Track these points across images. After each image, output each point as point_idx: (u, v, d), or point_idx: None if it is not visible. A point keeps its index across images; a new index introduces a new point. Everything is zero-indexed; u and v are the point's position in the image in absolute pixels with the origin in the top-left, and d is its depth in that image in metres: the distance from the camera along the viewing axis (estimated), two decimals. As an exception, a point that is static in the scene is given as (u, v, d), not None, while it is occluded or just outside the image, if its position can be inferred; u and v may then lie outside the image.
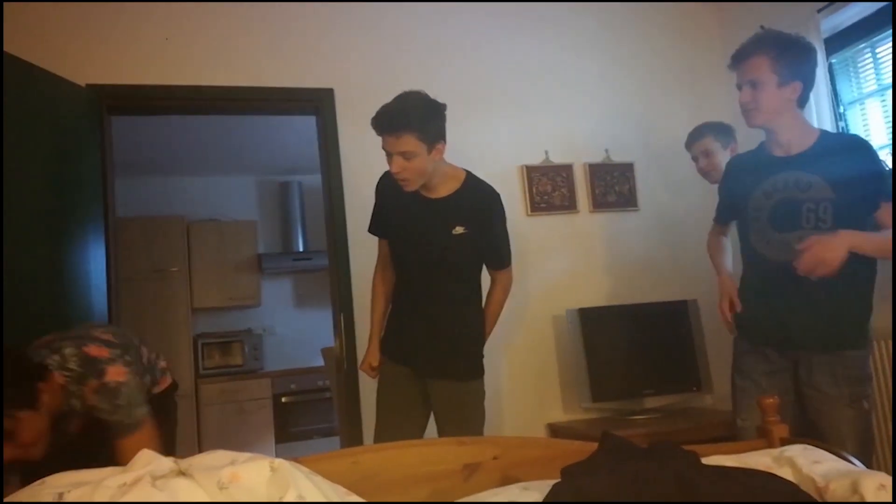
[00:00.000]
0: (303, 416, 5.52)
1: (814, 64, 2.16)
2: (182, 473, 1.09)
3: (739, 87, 2.17)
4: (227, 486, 1.03)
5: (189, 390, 5.29)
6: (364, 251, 3.10)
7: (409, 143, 2.13)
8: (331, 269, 3.25)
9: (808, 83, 2.13)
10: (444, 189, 2.31)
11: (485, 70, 3.49)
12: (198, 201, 5.75)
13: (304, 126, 4.91)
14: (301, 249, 5.93)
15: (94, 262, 2.85)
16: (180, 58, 3.05)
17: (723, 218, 2.46)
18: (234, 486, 1.02)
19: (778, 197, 2.13)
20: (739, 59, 2.15)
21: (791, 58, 2.09)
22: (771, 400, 1.75)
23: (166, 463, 1.11)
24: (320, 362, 5.74)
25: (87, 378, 1.78)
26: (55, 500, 1.06)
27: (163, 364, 2.26)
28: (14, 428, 1.62)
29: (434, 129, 2.18)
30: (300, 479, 1.04)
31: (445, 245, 2.28)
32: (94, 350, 1.82)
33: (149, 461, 1.11)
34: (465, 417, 2.30)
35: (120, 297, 3.09)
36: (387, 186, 2.39)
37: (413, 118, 2.13)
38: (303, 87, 3.17)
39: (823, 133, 2.21)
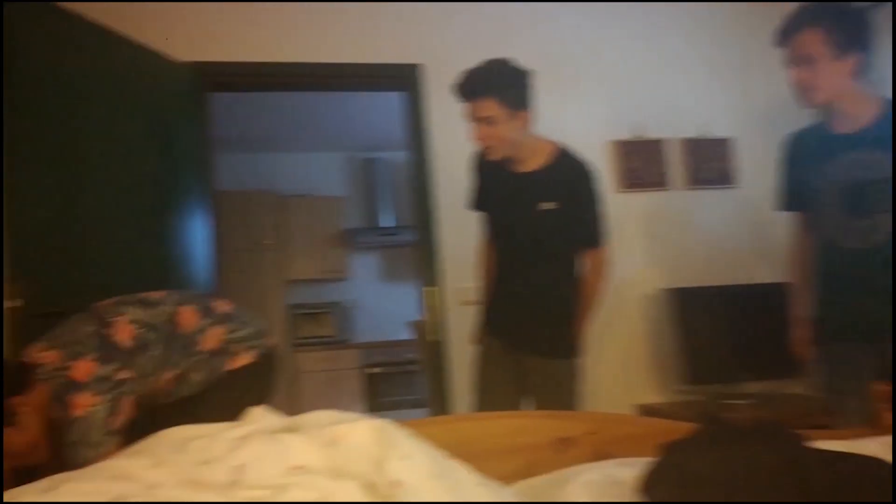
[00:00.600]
0: (391, 387, 5.67)
1: (871, 29, 1.97)
2: (291, 430, 1.15)
3: (789, 65, 1.99)
4: (336, 442, 1.08)
5: (286, 357, 5.52)
6: (451, 227, 3.14)
7: (490, 107, 2.12)
8: (418, 244, 3.30)
9: (868, 50, 1.95)
10: (533, 162, 2.28)
11: (576, 43, 3.42)
12: (290, 177, 5.94)
13: (389, 103, 4.99)
14: (387, 225, 6.03)
15: (199, 233, 3.01)
16: (276, 35, 3.14)
17: (790, 206, 2.25)
18: (343, 443, 1.07)
19: (847, 180, 1.98)
20: (788, 33, 1.97)
21: (847, 26, 1.92)
22: (883, 386, 1.67)
23: (276, 419, 1.17)
24: (406, 335, 5.89)
25: (57, 402, 1.71)
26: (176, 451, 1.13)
27: (250, 332, 2.09)
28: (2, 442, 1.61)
29: (517, 95, 2.15)
30: (405, 441, 1.07)
31: (532, 221, 2.26)
32: (77, 370, 1.73)
33: (260, 416, 1.17)
34: (559, 395, 2.29)
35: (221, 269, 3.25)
36: (482, 162, 2.40)
37: (493, 82, 2.12)
38: (392, 62, 3.20)
39: (886, 102, 2.01)
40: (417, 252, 3.33)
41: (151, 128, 2.83)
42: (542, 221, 2.25)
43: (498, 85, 2.12)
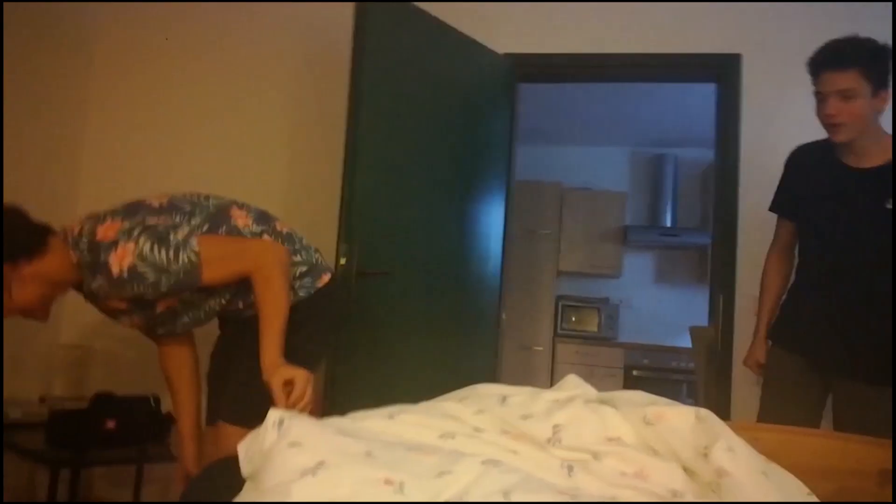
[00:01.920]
0: (653, 392, 5.47)
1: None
2: (605, 403, 1.18)
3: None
4: (653, 422, 1.08)
5: (547, 347, 5.64)
6: (752, 232, 2.93)
7: (853, 79, 1.95)
8: (714, 247, 3.14)
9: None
10: (877, 157, 2.04)
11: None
12: (572, 169, 6.00)
13: (682, 96, 4.84)
14: (669, 224, 5.82)
15: (494, 217, 3.19)
16: (583, 26, 3.18)
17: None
18: (661, 424, 1.07)
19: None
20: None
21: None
22: None
23: (592, 390, 1.21)
24: (674, 341, 5.65)
25: (95, 269, 1.67)
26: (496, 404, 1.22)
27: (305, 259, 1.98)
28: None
29: (881, 71, 1.97)
30: (728, 433, 1.04)
31: (875, 222, 2.02)
32: (101, 231, 1.68)
33: (578, 384, 1.21)
34: (871, 425, 2.02)
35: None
36: (802, 159, 2.20)
37: (860, 53, 1.95)
38: (708, 52, 3.06)
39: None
40: (715, 254, 3.16)
41: (465, 116, 3.05)
42: (887, 224, 2.01)
43: (865, 57, 1.95)
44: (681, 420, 1.06)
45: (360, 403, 2.65)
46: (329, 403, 2.48)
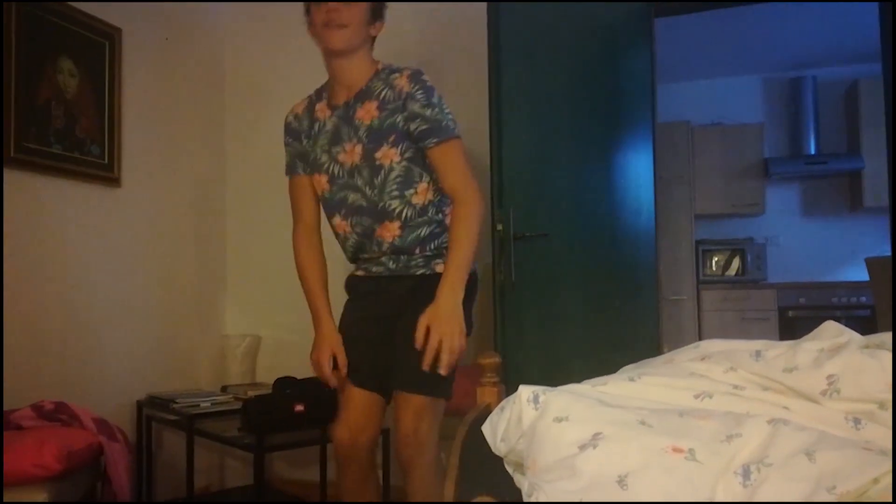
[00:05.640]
0: (815, 332, 5.16)
1: None
2: (879, 346, 1.06)
3: None
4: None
5: (691, 296, 5.41)
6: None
7: None
8: (891, 169, 2.85)
9: None
10: None
11: None
12: (702, 105, 5.65)
13: (824, 11, 4.42)
14: (813, 152, 5.39)
15: (643, 164, 3.05)
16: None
17: None
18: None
19: None
20: None
21: None
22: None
23: (857, 335, 1.09)
24: (830, 276, 5.28)
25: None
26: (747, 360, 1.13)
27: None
28: None
29: None
30: None
31: None
32: None
33: (840, 331, 1.11)
34: None
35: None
36: None
37: None
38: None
39: None
40: (890, 179, 2.88)
41: (605, 60, 2.91)
42: None
43: None
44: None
45: (531, 364, 2.64)
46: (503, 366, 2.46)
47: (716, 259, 5.59)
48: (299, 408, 2.46)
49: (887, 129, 2.91)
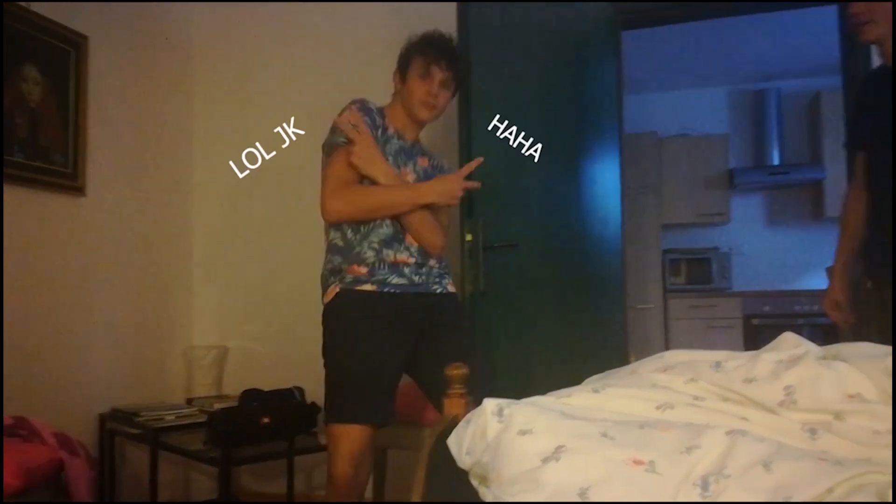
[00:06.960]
0: (778, 340, 5.26)
1: None
2: (834, 357, 1.09)
3: None
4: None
5: (658, 304, 5.48)
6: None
7: None
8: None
9: None
10: None
11: None
12: (669, 116, 5.75)
13: (782, 26, 4.53)
14: (777, 162, 5.51)
15: (610, 174, 3.08)
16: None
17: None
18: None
19: None
20: None
21: None
22: None
23: (814, 346, 1.12)
24: (794, 285, 5.38)
25: None
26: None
27: None
28: None
29: None
30: None
31: None
32: None
33: (797, 342, 1.13)
34: None
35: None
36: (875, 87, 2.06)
37: None
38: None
39: None
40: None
41: (573, 71, 2.95)
42: None
43: None
44: (936, 370, 0.96)
45: (501, 373, 2.65)
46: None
47: (683, 268, 5.66)
48: (266, 420, 2.44)
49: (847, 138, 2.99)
